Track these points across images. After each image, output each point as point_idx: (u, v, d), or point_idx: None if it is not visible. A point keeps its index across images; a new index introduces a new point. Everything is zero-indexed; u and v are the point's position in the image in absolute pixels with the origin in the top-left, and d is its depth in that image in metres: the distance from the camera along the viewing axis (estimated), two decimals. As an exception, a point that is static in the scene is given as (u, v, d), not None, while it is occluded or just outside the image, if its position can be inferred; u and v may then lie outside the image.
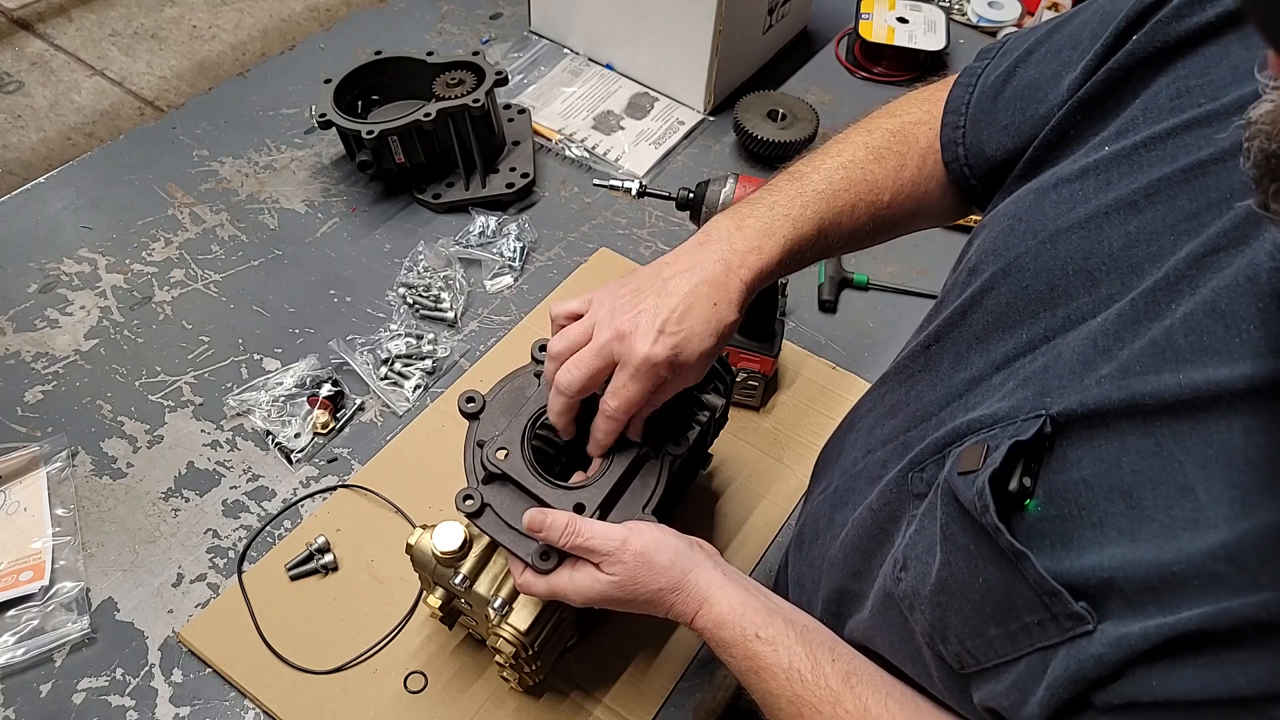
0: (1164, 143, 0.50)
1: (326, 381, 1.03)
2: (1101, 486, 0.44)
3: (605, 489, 0.71)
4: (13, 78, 2.13)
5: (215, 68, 2.22)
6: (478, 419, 0.76)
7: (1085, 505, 0.45)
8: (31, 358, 1.06)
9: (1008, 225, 0.59)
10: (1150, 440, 0.43)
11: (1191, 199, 0.47)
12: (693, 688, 0.86)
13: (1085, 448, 0.46)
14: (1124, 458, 0.44)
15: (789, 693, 0.62)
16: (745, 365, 1.01)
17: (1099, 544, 0.44)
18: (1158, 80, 0.53)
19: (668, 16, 1.33)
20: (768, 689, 0.63)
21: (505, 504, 0.71)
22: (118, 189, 1.24)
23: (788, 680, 0.62)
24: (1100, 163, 0.54)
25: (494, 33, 1.53)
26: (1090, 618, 0.43)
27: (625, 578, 0.66)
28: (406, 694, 0.84)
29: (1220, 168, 0.47)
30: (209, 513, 0.95)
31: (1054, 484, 0.47)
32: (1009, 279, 0.56)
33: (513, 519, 0.70)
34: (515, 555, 0.69)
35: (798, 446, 1.04)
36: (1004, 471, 0.48)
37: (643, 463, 0.73)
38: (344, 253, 1.19)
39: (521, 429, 0.73)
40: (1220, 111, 0.48)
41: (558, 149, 1.34)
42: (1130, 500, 0.43)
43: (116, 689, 0.84)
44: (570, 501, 0.70)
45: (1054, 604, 0.45)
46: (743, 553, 0.95)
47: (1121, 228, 0.50)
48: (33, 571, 0.89)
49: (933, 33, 1.49)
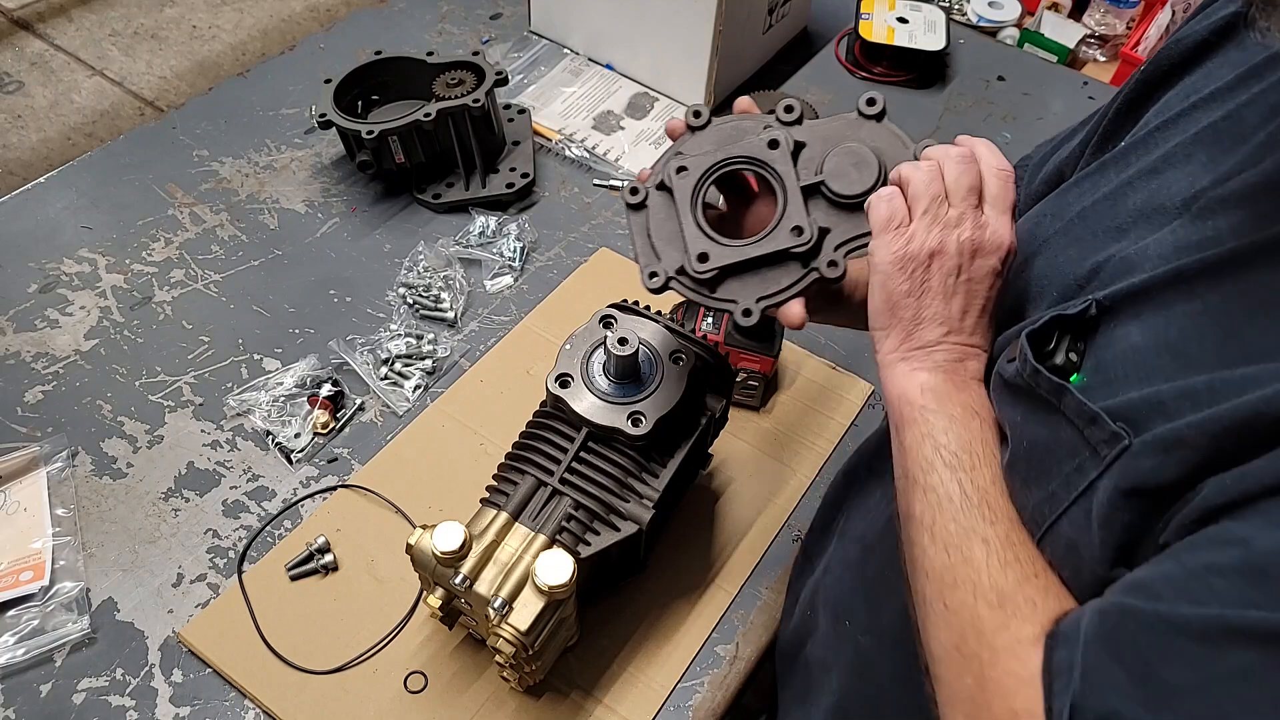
0: (1175, 123, 0.55)
1: (326, 381, 1.03)
2: (1149, 348, 0.47)
3: (743, 255, 0.67)
4: (13, 78, 2.13)
5: (215, 68, 2.22)
6: (697, 131, 0.71)
7: (1133, 366, 0.48)
8: (31, 358, 1.06)
9: (1033, 223, 0.63)
10: (1195, 302, 0.46)
11: (1207, 152, 0.52)
12: (693, 688, 0.86)
13: (1133, 322, 0.49)
14: (1170, 322, 0.47)
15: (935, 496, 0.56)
16: (745, 365, 1.01)
17: (1145, 387, 0.46)
18: (1168, 93, 0.59)
19: (668, 16, 1.33)
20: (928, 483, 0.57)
21: (659, 216, 0.69)
22: (118, 189, 1.24)
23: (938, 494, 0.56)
24: (1117, 153, 0.59)
25: (494, 33, 1.53)
26: (1127, 434, 0.45)
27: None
28: (406, 694, 0.84)
29: (1228, 123, 0.51)
30: (209, 513, 0.95)
31: (1102, 357, 0.50)
32: (1038, 258, 0.60)
33: (656, 233, 0.69)
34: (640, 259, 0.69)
35: (798, 446, 1.04)
36: (1044, 336, 0.51)
37: (787, 260, 0.67)
38: (344, 253, 1.19)
39: (714, 162, 0.69)
40: (1224, 89, 0.53)
41: (558, 149, 1.34)
42: (1175, 353, 0.46)
43: (116, 689, 0.84)
44: (701, 246, 0.67)
45: (1093, 433, 0.47)
46: (743, 553, 0.95)
47: (1144, 188, 0.55)
48: (33, 571, 0.89)
49: (933, 33, 1.49)
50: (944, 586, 0.52)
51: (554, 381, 0.79)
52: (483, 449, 1.00)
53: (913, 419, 0.58)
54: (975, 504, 0.53)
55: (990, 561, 0.51)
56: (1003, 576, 0.50)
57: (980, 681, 0.49)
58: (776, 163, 0.68)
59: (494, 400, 1.05)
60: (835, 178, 0.66)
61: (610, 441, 0.79)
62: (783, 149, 0.67)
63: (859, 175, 0.65)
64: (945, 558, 0.53)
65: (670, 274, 0.69)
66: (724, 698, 0.87)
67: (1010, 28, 1.87)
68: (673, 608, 0.91)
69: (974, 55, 1.57)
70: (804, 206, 0.66)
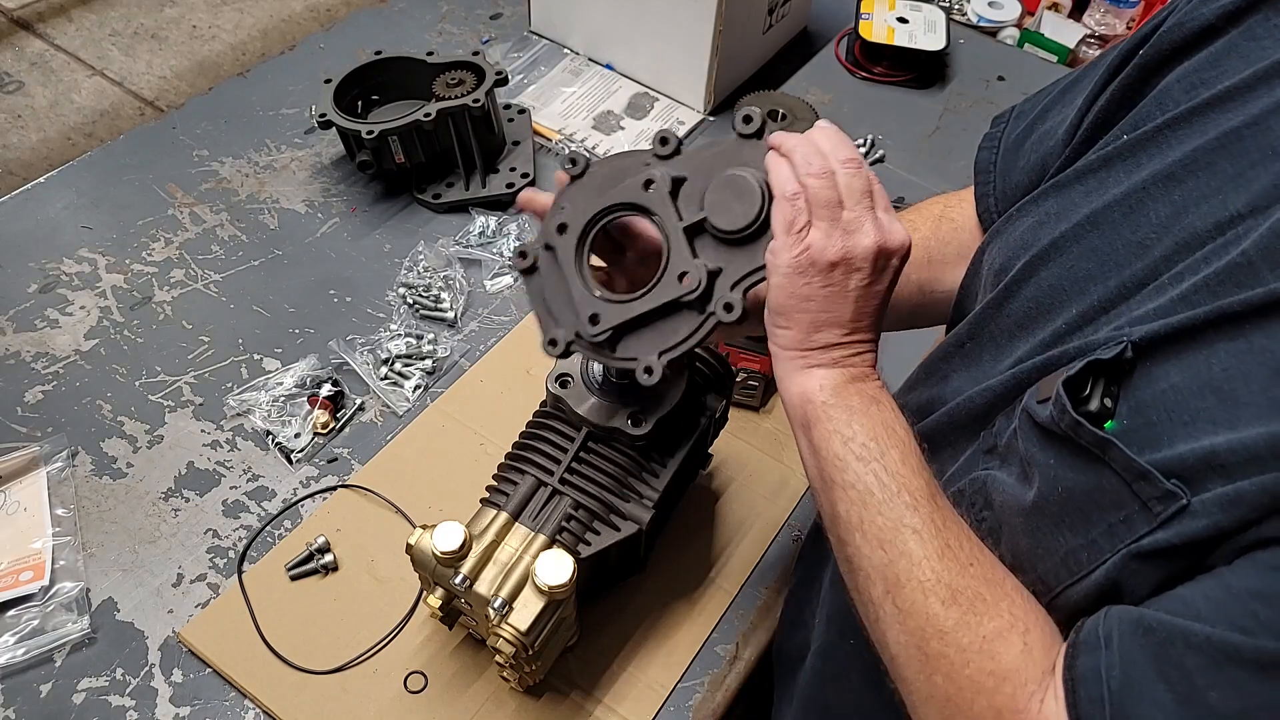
0: (1188, 121, 0.52)
1: (326, 381, 1.03)
2: (1191, 388, 0.45)
3: (633, 311, 0.64)
4: (13, 78, 2.13)
5: (215, 68, 2.22)
6: (576, 179, 0.68)
7: (1174, 408, 0.46)
8: (31, 358, 1.06)
9: (1032, 223, 0.61)
10: (1241, 341, 0.44)
11: (1232, 163, 0.49)
12: (693, 688, 0.86)
13: (1172, 362, 0.47)
14: (1214, 360, 0.45)
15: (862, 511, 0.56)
16: (745, 365, 1.01)
17: (1192, 436, 0.44)
18: (1167, 78, 0.56)
19: (668, 16, 1.33)
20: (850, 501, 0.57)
21: (552, 277, 0.68)
22: (118, 189, 1.24)
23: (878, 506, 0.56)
24: (1122, 149, 0.56)
25: (494, 33, 1.53)
26: (1183, 494, 0.44)
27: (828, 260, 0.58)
28: (406, 694, 0.84)
29: (1254, 131, 0.49)
30: (209, 513, 0.95)
31: (1139, 399, 0.48)
32: (1049, 264, 0.58)
33: (551, 295, 0.67)
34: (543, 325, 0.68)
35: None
36: (1080, 383, 0.49)
37: (681, 308, 0.64)
38: (344, 253, 1.19)
39: (594, 214, 0.67)
40: (1242, 86, 0.51)
41: (558, 149, 1.34)
42: (1222, 395, 0.44)
43: (116, 689, 0.84)
44: (590, 308, 0.65)
45: (1143, 489, 0.45)
46: (743, 553, 0.95)
47: (1165, 198, 0.52)
48: (33, 571, 0.89)
49: (933, 33, 1.49)
50: (889, 585, 0.53)
51: (554, 381, 0.79)
52: (483, 449, 1.00)
53: (816, 417, 0.58)
54: (895, 492, 0.54)
55: (927, 553, 0.52)
56: (943, 568, 0.51)
57: (953, 681, 0.49)
58: (654, 205, 0.64)
59: (494, 400, 1.05)
60: (717, 212, 0.62)
61: (610, 441, 0.79)
62: (658, 189, 0.64)
63: (741, 207, 0.61)
64: (882, 554, 0.53)
65: (570, 339, 0.67)
66: (724, 698, 0.87)
67: (1010, 28, 1.87)
68: (673, 608, 0.91)
69: (974, 55, 1.57)
70: (689, 249, 0.63)
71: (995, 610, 0.49)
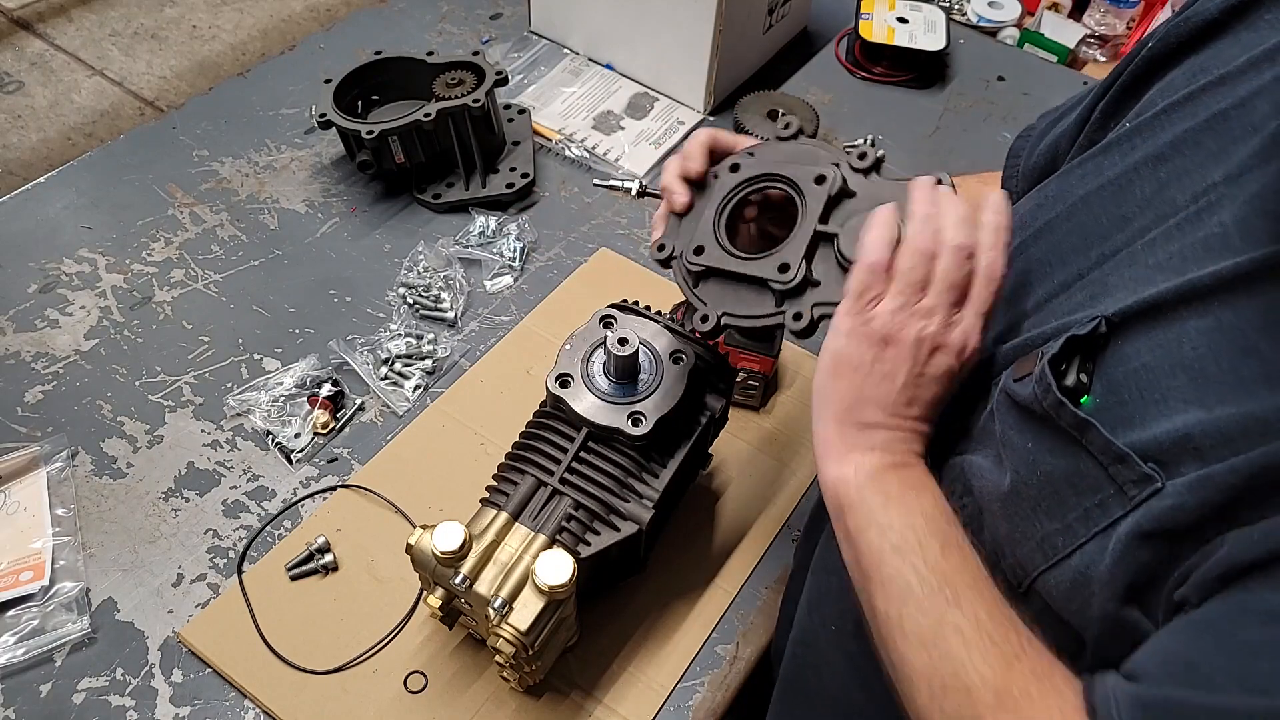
0: (1183, 106, 0.53)
1: (326, 381, 1.03)
2: (1162, 367, 0.46)
3: (729, 265, 0.68)
4: (13, 78, 2.13)
5: (215, 68, 2.22)
6: (782, 142, 0.71)
7: (1146, 386, 0.46)
8: (31, 358, 1.06)
9: (1034, 205, 0.62)
10: (1209, 319, 0.45)
11: (1217, 140, 0.50)
12: (693, 688, 0.86)
13: (1143, 339, 0.47)
14: (1184, 339, 0.46)
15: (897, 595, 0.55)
16: (745, 365, 1.01)
17: (1165, 415, 0.45)
18: (1172, 71, 0.57)
19: (668, 16, 1.33)
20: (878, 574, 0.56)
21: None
22: (118, 189, 1.24)
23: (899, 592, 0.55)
24: (1122, 135, 0.57)
25: (494, 33, 1.53)
26: (1159, 477, 0.44)
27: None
28: (406, 694, 0.84)
29: (1239, 111, 0.50)
30: (209, 513, 0.95)
31: (1112, 376, 0.48)
32: (1039, 241, 0.59)
33: (689, 215, 0.71)
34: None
35: (798, 446, 1.04)
36: (1060, 362, 0.49)
37: (768, 291, 0.67)
38: (344, 253, 1.19)
39: (762, 173, 0.70)
40: (1235, 72, 0.51)
41: (558, 149, 1.34)
42: (1192, 373, 0.45)
43: (116, 689, 0.84)
44: (704, 240, 0.69)
45: (1120, 472, 0.45)
46: (743, 553, 0.95)
47: (1152, 176, 0.53)
48: (33, 571, 0.89)
49: (933, 33, 1.49)
50: (934, 692, 0.51)
51: (554, 381, 0.79)
52: (483, 449, 1.00)
53: (850, 502, 0.57)
54: (935, 588, 0.52)
55: (971, 655, 0.49)
56: (988, 669, 0.49)
57: None
58: (809, 197, 0.66)
59: (494, 400, 1.05)
60: (846, 235, 0.63)
61: (610, 441, 0.79)
62: (824, 188, 0.65)
63: None
64: (925, 657, 0.51)
65: (674, 253, 0.71)
66: (724, 698, 0.87)
67: (1010, 28, 1.87)
68: (673, 608, 0.91)
69: (974, 55, 1.57)
70: (807, 249, 0.64)
71: (1044, 706, 0.47)
